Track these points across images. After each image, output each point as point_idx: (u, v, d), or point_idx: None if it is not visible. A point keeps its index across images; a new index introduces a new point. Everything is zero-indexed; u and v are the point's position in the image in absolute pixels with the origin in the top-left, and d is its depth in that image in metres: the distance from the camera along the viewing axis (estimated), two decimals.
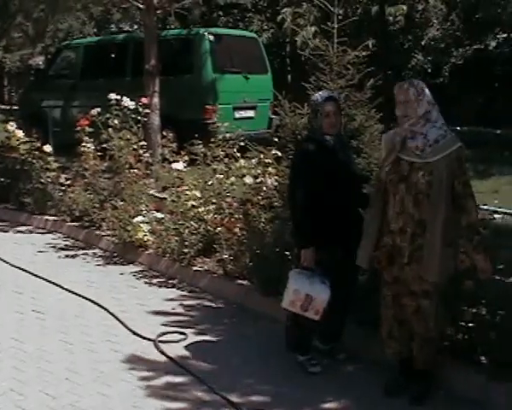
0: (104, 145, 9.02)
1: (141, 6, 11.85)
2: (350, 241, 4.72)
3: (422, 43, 17.75)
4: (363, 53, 6.30)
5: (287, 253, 5.80)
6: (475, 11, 17.13)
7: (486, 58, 17.35)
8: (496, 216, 7.54)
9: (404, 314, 4.55)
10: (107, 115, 9.15)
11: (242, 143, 8.16)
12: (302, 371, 5.00)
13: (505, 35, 17.48)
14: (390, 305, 4.60)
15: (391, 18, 16.95)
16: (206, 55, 13.41)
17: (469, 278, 4.65)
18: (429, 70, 17.38)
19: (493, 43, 17.57)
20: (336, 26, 6.45)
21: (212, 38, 13.49)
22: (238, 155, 8.01)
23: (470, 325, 4.78)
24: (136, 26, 20.88)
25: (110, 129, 8.97)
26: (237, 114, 13.56)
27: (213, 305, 6.44)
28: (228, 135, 8.30)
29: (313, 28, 11.61)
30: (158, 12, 12.27)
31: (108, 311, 6.21)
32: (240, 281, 6.62)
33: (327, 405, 4.61)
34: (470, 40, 17.66)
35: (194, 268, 7.13)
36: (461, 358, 4.80)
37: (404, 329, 4.59)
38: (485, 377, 4.62)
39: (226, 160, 7.86)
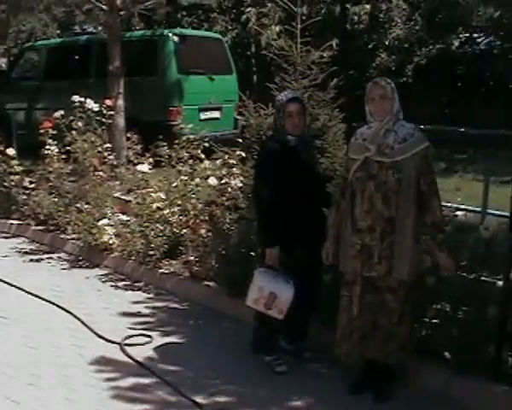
0: (68, 148, 8.95)
1: (104, 7, 11.79)
2: (314, 240, 4.74)
3: (386, 42, 17.88)
4: (327, 53, 6.33)
5: (252, 253, 5.81)
6: (438, 11, 17.30)
7: (449, 58, 17.52)
8: (458, 213, 7.64)
9: (367, 317, 4.57)
10: (71, 118, 9.07)
11: (207, 145, 8.13)
12: (268, 372, 5.00)
13: (467, 35, 17.67)
14: (347, 306, 4.61)
15: (355, 17, 17.04)
16: (171, 56, 13.35)
17: (432, 275, 4.69)
18: (393, 69, 17.49)
19: (456, 43, 17.76)
20: (299, 26, 6.46)
21: (176, 38, 13.43)
22: (202, 156, 7.99)
23: (434, 321, 4.84)
24: (100, 28, 20.69)
25: (74, 131, 8.90)
26: (202, 116, 13.54)
27: (179, 307, 6.42)
28: (193, 136, 8.26)
29: (277, 28, 11.61)
30: (121, 13, 12.22)
31: (73, 315, 6.16)
32: (206, 282, 6.61)
33: (292, 403, 4.62)
34: (433, 40, 17.81)
35: (160, 270, 7.10)
36: (425, 354, 4.84)
37: (359, 332, 4.58)
38: (449, 372, 4.68)
39: (191, 161, 7.83)
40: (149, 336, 5.65)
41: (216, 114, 14.05)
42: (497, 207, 7.67)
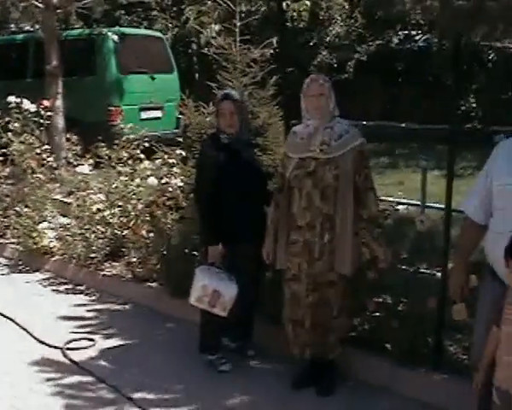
0: (4, 150, 8.77)
1: (40, 5, 11.55)
2: (255, 238, 4.75)
3: (327, 39, 17.99)
4: (266, 50, 6.34)
5: (194, 253, 5.78)
6: (376, 9, 17.49)
7: (389, 54, 17.71)
8: (400, 207, 7.75)
9: (305, 311, 4.58)
10: (7, 119, 8.89)
11: (147, 145, 8.05)
12: (212, 371, 5.00)
13: (406, 32, 17.89)
14: (291, 303, 4.63)
15: (295, 14, 17.10)
16: (110, 55, 13.19)
17: (372, 269, 4.73)
18: (334, 66, 17.60)
19: (395, 40, 17.95)
20: (238, 24, 6.46)
21: (115, 37, 13.26)
22: (142, 156, 7.92)
23: (375, 314, 4.90)
24: (37, 26, 20.29)
25: (10, 133, 8.71)
26: (144, 115, 13.40)
27: (122, 309, 6.37)
28: (132, 136, 8.18)
29: (217, 26, 11.55)
30: (58, 11, 12.02)
31: (14, 321, 6.04)
32: (148, 283, 6.56)
33: (235, 401, 4.64)
34: (373, 37, 17.98)
35: (103, 273, 7.02)
36: (367, 347, 4.91)
37: (307, 326, 4.61)
38: (391, 364, 4.75)
39: (131, 162, 7.75)
40: (92, 340, 5.59)
41: (157, 114, 13.93)
42: (440, 200, 7.79)
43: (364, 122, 16.10)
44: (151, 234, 6.70)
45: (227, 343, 5.21)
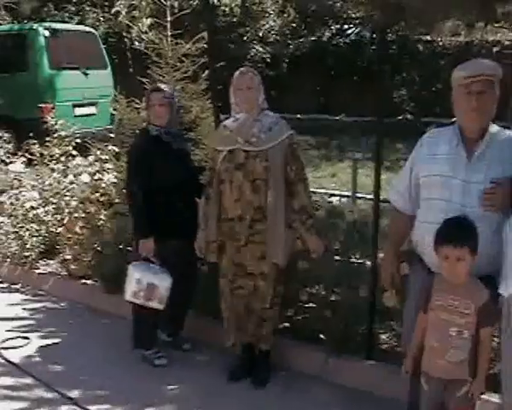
0: None
1: None
2: (188, 231, 4.77)
3: (260, 34, 18.10)
4: (197, 45, 6.36)
5: (129, 248, 5.77)
6: (309, 3, 17.69)
7: (322, 48, 17.94)
8: (333, 199, 7.90)
9: (240, 303, 4.66)
10: None
11: (80, 141, 7.99)
12: (148, 365, 5.02)
13: (338, 26, 18.15)
14: (223, 294, 4.70)
15: (227, 9, 17.17)
16: (42, 51, 12.97)
17: (305, 259, 4.83)
18: (268, 61, 17.73)
19: (328, 34, 18.19)
20: (169, 19, 6.48)
21: (47, 32, 13.07)
22: (75, 153, 7.85)
23: (308, 304, 4.99)
24: None
25: None
26: (77, 112, 13.27)
27: (58, 307, 6.31)
28: (64, 133, 8.10)
29: (149, 21, 11.52)
30: None
31: None
32: (84, 281, 6.52)
33: (171, 394, 4.67)
34: (306, 31, 18.18)
35: (38, 271, 6.94)
36: (301, 337, 4.99)
37: (239, 317, 4.69)
38: (324, 353, 4.84)
39: (63, 158, 7.67)
40: (27, 338, 5.54)
41: (91, 110, 13.80)
42: (372, 191, 7.93)
43: (299, 116, 16.28)
44: (85, 231, 6.66)
45: (162, 338, 5.23)
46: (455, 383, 3.39)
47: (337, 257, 5.18)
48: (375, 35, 15.76)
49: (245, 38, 18.34)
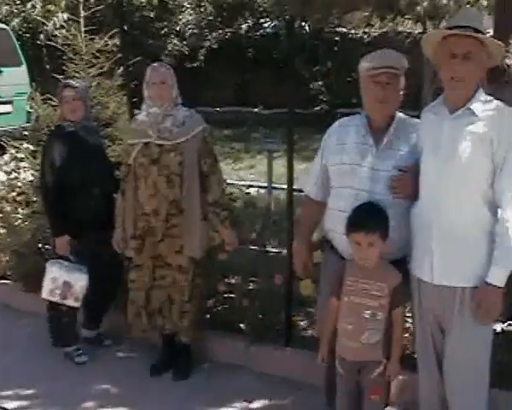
0: None
1: None
2: (105, 227, 4.77)
3: (178, 28, 18.06)
4: (112, 41, 6.33)
5: (47, 246, 5.72)
6: None
7: (239, 41, 18.03)
8: (251, 190, 7.99)
9: (162, 293, 4.68)
10: None
11: None
12: (69, 363, 5.00)
13: (255, 19, 18.26)
14: (139, 287, 4.70)
15: (144, 2, 17.09)
16: None
17: (223, 251, 4.88)
18: (186, 54, 17.71)
19: (244, 27, 18.27)
20: (83, 14, 6.43)
21: None
22: None
23: (227, 295, 5.06)
24: None
25: None
26: None
27: None
28: None
29: (65, 15, 11.36)
30: None
31: None
32: (2, 280, 6.41)
33: (93, 391, 4.66)
34: (223, 25, 18.23)
35: None
36: (222, 328, 5.05)
37: (156, 310, 4.72)
38: (245, 342, 4.91)
39: None
40: None
41: (7, 108, 13.47)
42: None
43: (218, 109, 16.33)
44: (2, 230, 6.54)
45: (84, 334, 5.22)
46: (369, 365, 3.51)
47: (254, 247, 5.26)
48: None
49: (162, 33, 18.22)
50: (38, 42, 19.13)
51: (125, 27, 6.55)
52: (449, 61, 3.19)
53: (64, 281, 4.75)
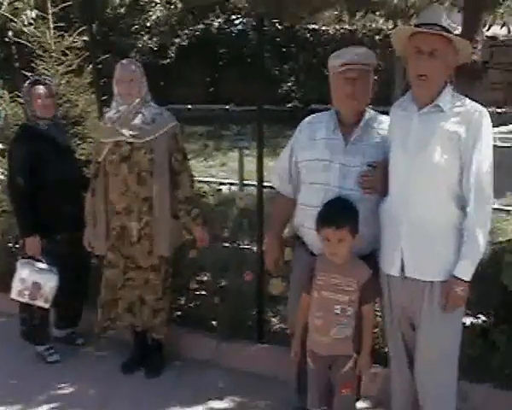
0: None
1: None
2: (75, 226, 4.74)
3: (148, 24, 17.99)
4: (80, 38, 6.29)
5: (17, 246, 5.68)
6: None
7: (210, 38, 18.01)
8: (223, 187, 7.98)
9: (133, 293, 4.68)
10: None
11: None
12: (41, 362, 4.97)
13: (226, 16, 18.25)
14: (107, 285, 4.69)
15: (117, 0, 17.01)
16: None
17: (194, 248, 4.89)
18: (156, 51, 17.65)
19: (215, 24, 18.27)
20: (51, 11, 6.38)
21: None
22: None
23: (199, 292, 5.06)
24: None
25: None
26: None
27: None
28: None
29: (34, 13, 11.26)
30: None
31: None
32: None
33: (66, 391, 4.64)
34: (194, 21, 18.19)
35: None
36: (194, 325, 5.06)
37: (128, 309, 4.71)
38: (217, 339, 4.93)
39: None
40: None
41: None
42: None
43: (189, 106, 16.30)
44: None
45: (55, 333, 5.19)
46: (339, 359, 3.53)
47: (226, 244, 5.26)
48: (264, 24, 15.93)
49: (132, 30, 18.13)
50: (7, 39, 18.95)
51: (95, 24, 6.53)
52: (415, 58, 3.22)
53: (33, 282, 4.71)
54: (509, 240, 4.73)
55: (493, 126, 3.28)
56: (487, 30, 6.21)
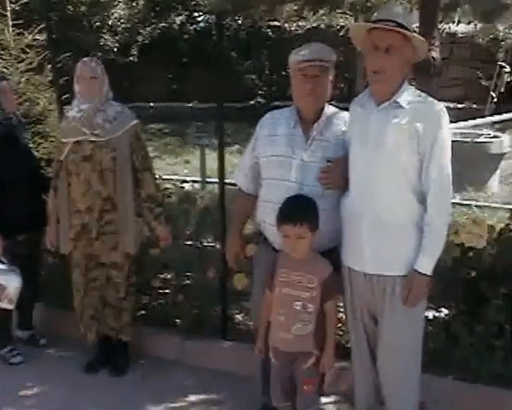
0: None
1: None
2: (35, 226, 4.70)
3: (110, 23, 17.85)
4: (43, 35, 6.23)
5: None
6: None
7: (173, 36, 17.92)
8: (185, 185, 7.97)
9: (95, 295, 4.65)
10: None
11: None
12: (4, 364, 4.92)
13: (188, 14, 18.18)
14: (77, 287, 4.66)
15: None
16: None
17: (156, 247, 4.88)
18: (118, 49, 17.51)
19: (178, 22, 18.18)
20: (9, 8, 6.33)
21: None
22: None
23: (162, 290, 5.05)
24: None
25: None
26: None
27: None
28: None
29: None
30: None
31: None
32: None
33: (29, 392, 4.60)
34: (156, 19, 18.09)
35: None
36: (157, 324, 5.05)
37: (90, 309, 4.69)
38: (181, 337, 4.92)
39: None
40: None
41: None
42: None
43: (152, 104, 16.21)
44: None
45: (18, 335, 5.15)
46: (301, 356, 3.54)
47: (189, 242, 5.26)
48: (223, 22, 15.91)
49: (94, 27, 17.97)
50: None
51: (54, 22, 6.48)
52: (372, 54, 3.25)
53: None
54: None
55: (453, 122, 3.31)
56: (445, 27, 6.28)
